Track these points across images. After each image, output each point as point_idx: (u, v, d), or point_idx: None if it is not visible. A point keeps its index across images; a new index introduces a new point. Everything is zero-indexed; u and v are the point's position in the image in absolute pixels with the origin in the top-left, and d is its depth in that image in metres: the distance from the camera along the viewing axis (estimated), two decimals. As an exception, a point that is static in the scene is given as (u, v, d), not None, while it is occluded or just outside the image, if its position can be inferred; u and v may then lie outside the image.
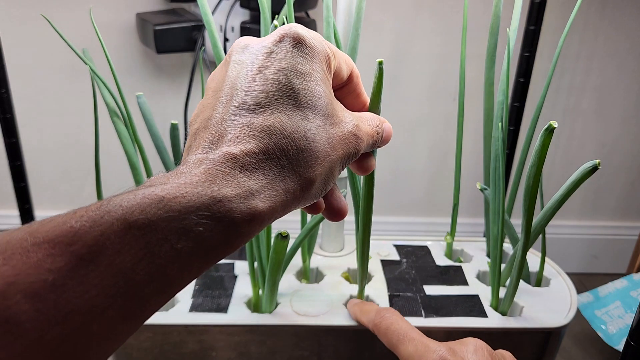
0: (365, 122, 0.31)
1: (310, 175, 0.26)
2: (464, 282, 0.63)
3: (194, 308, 0.57)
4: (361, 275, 0.56)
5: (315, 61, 0.27)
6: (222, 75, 0.28)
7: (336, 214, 0.32)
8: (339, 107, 0.29)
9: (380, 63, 0.36)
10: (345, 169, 0.57)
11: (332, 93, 0.29)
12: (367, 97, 0.34)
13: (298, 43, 0.27)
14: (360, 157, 0.33)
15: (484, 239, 0.71)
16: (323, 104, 0.27)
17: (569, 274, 0.65)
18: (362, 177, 0.51)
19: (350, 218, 0.60)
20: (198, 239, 0.22)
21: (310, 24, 0.86)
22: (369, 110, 0.35)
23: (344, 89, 0.32)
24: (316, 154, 0.26)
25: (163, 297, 0.22)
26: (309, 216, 0.62)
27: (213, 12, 0.84)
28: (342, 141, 0.28)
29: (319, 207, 0.31)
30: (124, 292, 0.20)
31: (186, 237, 0.21)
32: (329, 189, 0.29)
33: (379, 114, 0.36)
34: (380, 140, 0.32)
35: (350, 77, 0.32)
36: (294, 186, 0.25)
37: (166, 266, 0.21)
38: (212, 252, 0.23)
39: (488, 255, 0.69)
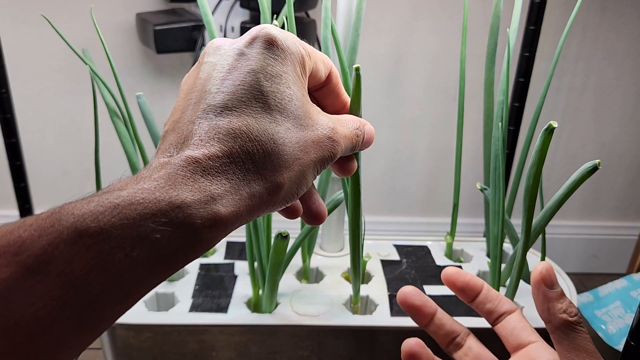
0: (343, 125, 0.30)
1: (278, 180, 0.25)
2: (464, 282, 0.63)
3: (194, 308, 0.57)
4: (354, 278, 0.56)
5: (287, 63, 0.27)
6: (194, 77, 0.27)
7: (314, 218, 0.31)
8: (313, 109, 0.28)
9: (357, 69, 0.35)
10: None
11: (306, 95, 0.28)
12: (347, 98, 0.33)
13: (269, 44, 0.26)
14: (341, 159, 0.32)
15: (484, 239, 0.71)
16: (294, 106, 0.26)
17: (569, 274, 0.65)
18: (349, 179, 0.51)
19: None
20: (155, 247, 0.21)
21: (310, 24, 0.86)
22: None
23: (323, 90, 0.32)
24: (284, 158, 0.25)
25: (120, 306, 0.21)
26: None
27: (213, 12, 0.84)
28: (316, 145, 0.27)
29: (296, 211, 0.30)
30: (75, 302, 0.19)
31: (142, 245, 0.20)
32: (304, 193, 0.28)
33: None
34: (360, 143, 0.31)
35: (329, 77, 0.31)
36: (260, 190, 0.25)
37: (121, 275, 0.20)
38: (171, 260, 0.22)
39: (488, 255, 0.69)
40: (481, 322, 0.55)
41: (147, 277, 0.21)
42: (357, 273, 0.55)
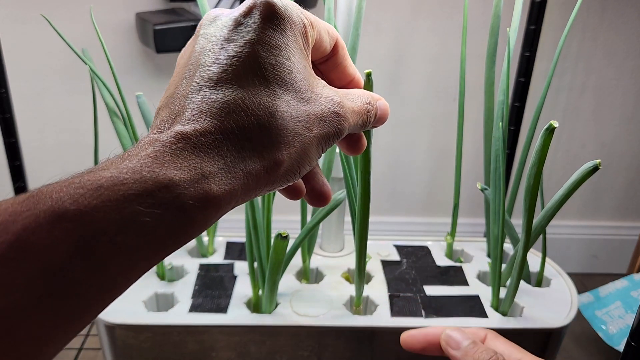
0: (351, 99, 0.28)
1: (277, 157, 0.24)
2: (465, 283, 0.63)
3: (194, 308, 0.57)
4: (358, 280, 0.56)
5: (288, 33, 0.25)
6: (190, 51, 0.26)
7: (318, 199, 0.30)
8: (317, 82, 0.26)
9: (369, 74, 0.34)
10: (343, 175, 0.57)
11: (309, 67, 0.26)
12: (355, 70, 0.31)
13: (269, 13, 0.25)
14: (350, 136, 0.30)
15: (485, 239, 0.71)
16: (294, 79, 0.25)
17: (570, 274, 0.65)
18: (358, 177, 0.51)
19: (350, 218, 0.60)
20: (142, 231, 0.20)
21: (310, 24, 0.85)
22: None
23: (328, 62, 0.30)
24: (283, 133, 0.24)
25: (107, 295, 0.20)
26: (309, 216, 0.62)
27: (213, 12, 0.84)
28: (319, 120, 0.25)
29: (298, 191, 0.29)
30: (56, 291, 0.18)
31: (127, 229, 0.19)
32: (307, 172, 0.26)
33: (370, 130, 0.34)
34: (372, 119, 0.29)
35: (335, 48, 0.29)
36: (257, 168, 0.23)
37: (105, 262, 0.19)
38: (161, 243, 0.20)
39: (488, 256, 0.69)
40: (481, 323, 0.55)
41: (135, 263, 0.20)
42: (362, 275, 0.55)
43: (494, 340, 0.43)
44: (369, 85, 0.34)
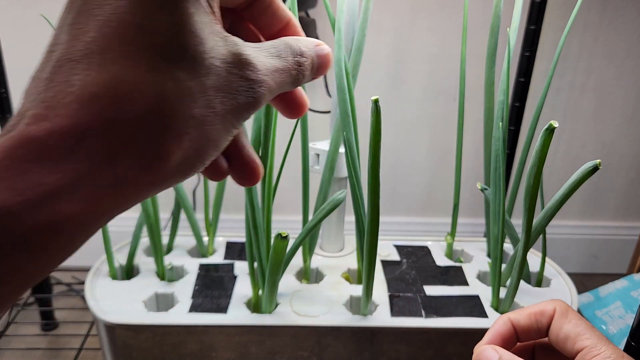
0: (273, 54, 0.22)
1: (160, 152, 0.18)
2: (465, 283, 0.63)
3: (194, 308, 0.57)
4: (366, 290, 0.56)
5: None
6: (64, 16, 0.20)
7: (245, 178, 0.24)
8: (220, 43, 0.20)
9: (376, 101, 0.31)
10: (345, 160, 0.57)
11: (211, 24, 0.20)
12: (289, 14, 0.25)
13: None
14: (282, 96, 0.25)
15: (485, 239, 0.71)
16: (187, 45, 0.19)
17: (570, 274, 0.65)
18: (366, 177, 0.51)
19: (350, 218, 0.60)
20: None
21: (311, 24, 0.85)
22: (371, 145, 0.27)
23: (253, 7, 0.24)
24: (170, 121, 0.18)
25: None
26: (310, 215, 0.62)
27: (213, 12, 0.84)
28: (223, 92, 0.19)
29: (218, 172, 0.23)
30: None
31: None
32: (215, 157, 0.21)
33: (378, 155, 0.28)
34: (308, 72, 0.23)
35: None
36: (132, 171, 0.18)
37: None
38: None
39: (488, 256, 0.69)
40: (481, 323, 0.55)
41: None
42: (370, 285, 0.55)
43: (560, 320, 0.37)
44: (377, 114, 0.30)
